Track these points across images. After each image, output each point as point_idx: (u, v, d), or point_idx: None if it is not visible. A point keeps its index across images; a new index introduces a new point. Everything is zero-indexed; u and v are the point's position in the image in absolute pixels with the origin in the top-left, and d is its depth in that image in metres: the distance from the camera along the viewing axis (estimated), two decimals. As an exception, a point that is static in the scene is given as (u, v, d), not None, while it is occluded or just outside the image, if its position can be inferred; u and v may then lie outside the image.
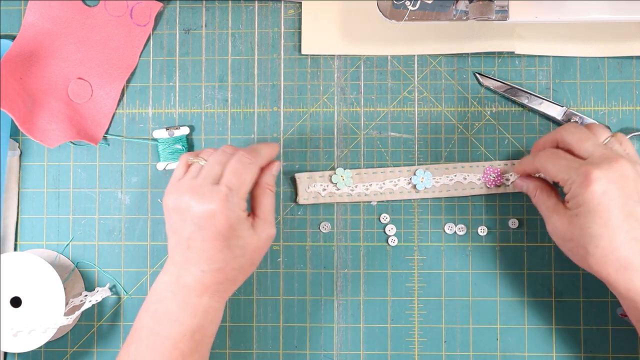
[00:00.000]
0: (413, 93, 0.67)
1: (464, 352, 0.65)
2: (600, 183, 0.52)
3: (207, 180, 0.56)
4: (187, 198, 0.55)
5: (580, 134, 0.57)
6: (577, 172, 0.54)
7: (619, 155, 0.54)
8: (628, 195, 0.53)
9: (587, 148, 0.55)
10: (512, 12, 0.59)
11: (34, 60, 0.66)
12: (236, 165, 0.57)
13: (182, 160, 0.60)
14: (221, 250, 0.55)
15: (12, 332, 0.62)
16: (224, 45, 0.67)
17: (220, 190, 0.55)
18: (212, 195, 0.55)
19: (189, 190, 0.56)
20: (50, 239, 0.67)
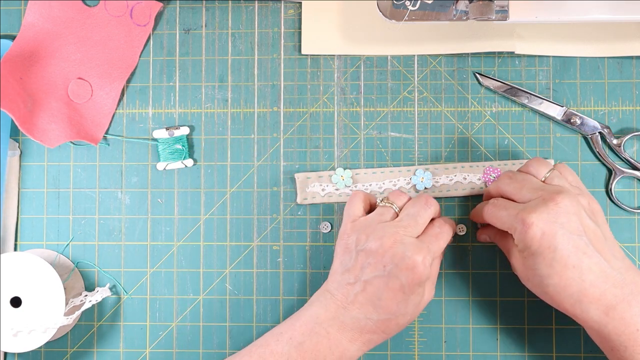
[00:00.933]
0: (413, 93, 0.67)
1: (464, 352, 0.65)
2: (537, 227, 0.53)
3: (408, 231, 0.56)
4: (388, 243, 0.55)
5: (515, 183, 0.57)
6: (515, 221, 0.54)
7: (557, 192, 0.54)
8: (570, 231, 0.53)
9: (524, 195, 0.56)
10: (512, 12, 0.59)
11: (34, 60, 0.66)
12: (438, 231, 0.58)
13: (361, 198, 0.60)
14: (398, 303, 0.55)
15: (12, 332, 0.62)
16: (224, 45, 0.67)
17: (424, 246, 0.56)
18: (417, 249, 0.55)
19: (391, 237, 0.55)
20: (50, 239, 0.67)
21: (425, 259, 0.55)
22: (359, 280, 0.56)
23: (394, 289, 0.55)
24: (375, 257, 0.55)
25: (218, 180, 0.67)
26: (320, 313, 0.56)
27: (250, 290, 0.66)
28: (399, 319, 0.56)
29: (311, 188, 0.66)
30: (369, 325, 0.56)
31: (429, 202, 0.59)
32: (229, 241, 0.66)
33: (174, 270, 0.67)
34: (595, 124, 0.65)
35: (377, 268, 0.55)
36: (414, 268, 0.55)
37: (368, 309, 0.55)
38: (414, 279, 0.55)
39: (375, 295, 0.55)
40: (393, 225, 0.57)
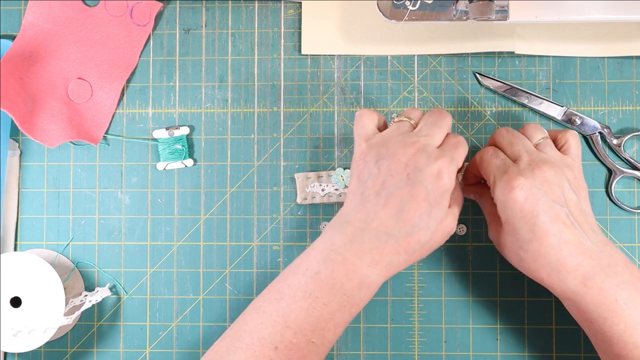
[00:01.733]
0: (413, 93, 0.67)
1: (464, 352, 0.65)
2: (522, 190, 0.53)
3: (429, 140, 0.55)
4: (411, 151, 0.53)
5: (511, 137, 0.57)
6: (501, 177, 0.54)
7: (545, 160, 0.55)
8: (552, 200, 0.53)
9: (516, 151, 0.56)
10: (512, 12, 0.59)
11: (34, 60, 0.66)
12: (455, 140, 0.56)
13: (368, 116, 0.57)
14: (421, 215, 0.53)
15: (12, 332, 0.62)
16: (224, 45, 0.67)
17: (447, 154, 0.54)
18: (439, 155, 0.53)
19: (413, 145, 0.54)
20: (50, 239, 0.67)
21: (450, 166, 0.54)
22: (381, 194, 0.53)
23: (419, 197, 0.52)
24: (398, 167, 0.53)
25: (218, 180, 0.67)
26: (335, 238, 0.54)
27: (250, 290, 0.66)
28: (421, 234, 0.53)
29: (311, 188, 0.66)
30: (390, 244, 0.53)
31: (444, 112, 0.57)
32: (229, 241, 0.66)
33: (174, 270, 0.67)
34: (595, 124, 0.65)
35: (400, 178, 0.53)
36: (439, 174, 0.53)
37: (389, 223, 0.52)
38: (439, 185, 0.53)
39: (398, 207, 0.52)
40: (413, 134, 0.55)
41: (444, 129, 0.56)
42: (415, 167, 0.53)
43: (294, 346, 0.52)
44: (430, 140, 0.55)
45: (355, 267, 0.53)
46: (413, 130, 0.57)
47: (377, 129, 0.58)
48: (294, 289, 0.53)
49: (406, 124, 0.57)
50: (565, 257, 0.53)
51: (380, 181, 0.54)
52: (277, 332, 0.52)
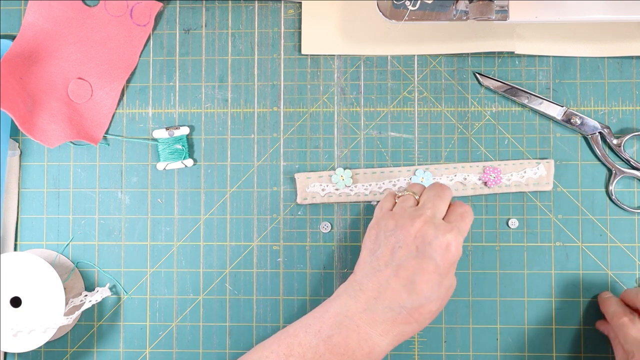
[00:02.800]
0: (413, 93, 0.67)
1: (464, 352, 0.65)
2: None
3: (435, 212, 0.56)
4: (418, 224, 0.55)
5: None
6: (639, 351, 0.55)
7: None
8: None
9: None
10: (512, 12, 0.59)
11: (34, 60, 0.66)
12: (460, 210, 0.57)
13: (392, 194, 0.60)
14: (432, 286, 0.54)
15: (12, 332, 0.62)
16: (224, 45, 0.67)
17: (454, 226, 0.55)
18: (448, 229, 0.55)
19: (420, 218, 0.55)
20: (50, 239, 0.67)
21: (457, 238, 0.55)
22: (390, 265, 0.54)
23: (429, 270, 0.53)
24: (406, 239, 0.54)
25: (218, 180, 0.67)
26: (350, 305, 0.55)
27: (250, 290, 0.66)
28: (432, 305, 0.54)
29: (311, 188, 0.66)
30: (402, 315, 0.54)
31: (444, 185, 0.59)
32: (229, 241, 0.66)
33: (174, 270, 0.67)
34: (595, 124, 0.65)
35: (409, 250, 0.54)
36: (448, 247, 0.54)
37: (401, 295, 0.53)
38: (449, 258, 0.54)
39: (409, 279, 0.53)
40: (419, 208, 0.56)
41: (446, 200, 0.58)
42: (424, 240, 0.54)
43: None
44: (436, 212, 0.56)
45: (368, 336, 0.54)
46: (417, 203, 0.58)
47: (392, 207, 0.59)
48: (305, 348, 0.54)
49: (410, 198, 0.58)
50: None
51: (389, 252, 0.55)
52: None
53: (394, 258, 0.54)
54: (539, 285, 0.65)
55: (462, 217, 0.57)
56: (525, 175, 0.65)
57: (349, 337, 0.54)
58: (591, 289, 0.65)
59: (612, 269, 0.65)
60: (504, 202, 0.66)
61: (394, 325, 0.54)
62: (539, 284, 0.65)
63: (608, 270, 0.65)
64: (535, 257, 0.65)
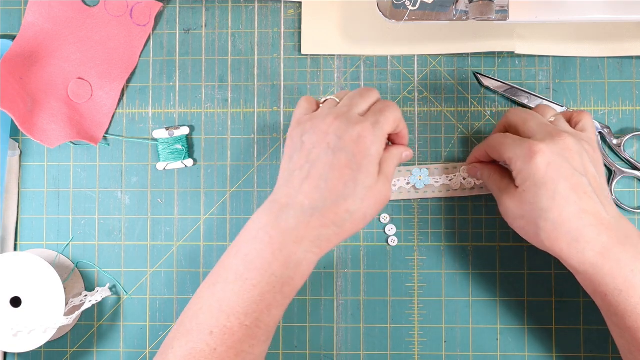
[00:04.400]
0: (413, 93, 0.67)
1: (464, 352, 0.65)
2: (543, 155, 0.52)
3: (351, 108, 0.54)
4: (329, 120, 0.53)
5: (525, 114, 0.57)
6: (521, 148, 0.54)
7: (563, 130, 0.55)
8: (573, 167, 0.53)
9: (531, 127, 0.56)
10: (512, 12, 0.59)
11: (34, 60, 0.66)
12: (381, 106, 0.55)
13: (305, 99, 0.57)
14: (346, 182, 0.52)
15: (12, 332, 0.62)
16: (224, 45, 0.67)
17: (367, 119, 0.54)
18: (358, 121, 0.53)
19: (332, 114, 0.53)
20: (50, 239, 0.67)
21: (374, 130, 0.53)
22: (304, 167, 0.52)
23: (340, 165, 0.51)
24: (319, 136, 0.52)
25: (218, 180, 0.67)
26: (261, 218, 0.53)
27: (250, 290, 0.66)
28: (349, 203, 0.52)
29: (311, 188, 0.66)
30: (316, 217, 0.51)
31: (370, 88, 0.57)
32: (229, 241, 0.66)
33: (174, 270, 0.67)
34: (595, 124, 0.65)
35: (321, 148, 0.52)
36: (360, 138, 0.52)
37: (313, 196, 0.51)
38: (361, 150, 0.52)
39: (321, 178, 0.52)
40: (339, 107, 0.55)
41: (369, 99, 0.56)
42: (335, 134, 0.52)
43: (227, 330, 0.51)
44: (353, 109, 0.54)
45: (281, 245, 0.51)
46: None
47: (311, 111, 0.57)
48: (227, 271, 0.53)
49: (332, 102, 0.57)
50: (585, 227, 0.52)
51: (305, 155, 0.53)
52: (212, 316, 0.52)
53: (309, 160, 0.52)
54: (539, 285, 0.65)
55: (381, 111, 0.55)
56: (525, 175, 0.65)
57: (262, 249, 0.52)
58: (591, 289, 0.65)
59: (612, 269, 0.65)
60: (504, 202, 0.66)
61: (308, 230, 0.52)
62: (539, 284, 0.65)
63: (608, 270, 0.65)
64: (535, 257, 0.65)
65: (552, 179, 0.52)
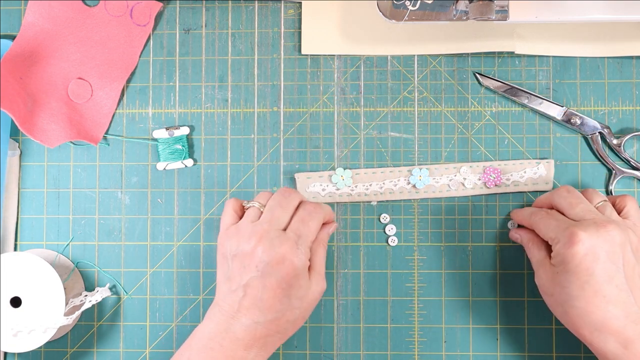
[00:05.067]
0: (413, 93, 0.67)
1: (464, 352, 0.65)
2: (583, 245, 0.53)
3: (272, 225, 0.56)
4: (252, 243, 0.55)
5: (572, 198, 0.58)
6: (563, 232, 0.55)
7: (609, 220, 0.55)
8: (611, 260, 0.53)
9: (578, 212, 0.57)
10: (512, 12, 0.59)
11: (34, 60, 0.66)
12: (303, 214, 0.58)
13: (232, 204, 0.60)
14: (281, 300, 0.55)
15: (12, 332, 0.62)
16: (224, 45, 0.67)
17: (289, 236, 0.56)
18: (280, 241, 0.55)
19: (255, 235, 0.56)
20: (50, 239, 0.67)
21: (294, 249, 0.55)
22: (240, 286, 0.55)
23: (272, 287, 0.55)
24: (247, 259, 0.55)
25: (218, 180, 0.67)
26: (212, 328, 0.56)
27: (250, 290, 0.66)
28: (287, 315, 0.56)
29: (311, 188, 0.66)
30: (260, 329, 0.55)
31: (288, 191, 0.59)
32: (229, 241, 0.66)
33: (174, 270, 0.67)
34: (595, 124, 0.65)
35: (250, 270, 0.55)
36: (284, 261, 0.55)
37: (254, 312, 0.55)
38: (287, 272, 0.55)
39: (257, 298, 0.55)
40: (258, 223, 0.57)
41: (289, 208, 0.58)
42: (261, 258, 0.55)
43: None
44: (274, 225, 0.56)
45: (233, 352, 0.55)
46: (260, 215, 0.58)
47: (237, 217, 0.60)
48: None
49: (255, 211, 0.59)
50: (610, 319, 0.53)
51: (237, 273, 0.56)
52: None
53: (242, 278, 0.55)
54: (539, 285, 0.65)
55: (304, 222, 0.57)
56: (525, 175, 0.65)
57: (215, 357, 0.55)
58: (591, 289, 0.65)
59: (612, 269, 0.65)
60: (504, 202, 0.66)
61: (255, 339, 0.55)
62: (539, 284, 0.65)
63: (608, 270, 0.65)
64: (535, 257, 0.65)
65: (586, 269, 0.53)
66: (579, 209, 0.57)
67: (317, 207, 0.59)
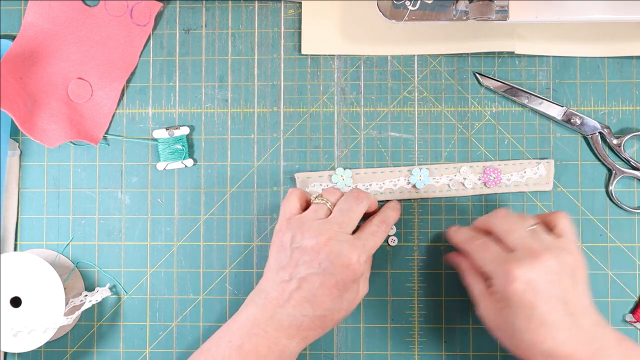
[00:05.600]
0: (413, 93, 0.67)
1: (464, 352, 0.65)
2: (521, 281, 0.53)
3: (343, 227, 0.57)
4: (322, 240, 0.56)
5: (507, 224, 0.57)
6: (499, 269, 0.54)
7: (543, 248, 0.55)
8: (552, 290, 0.53)
9: (514, 240, 0.56)
10: (512, 12, 0.59)
11: (34, 60, 0.66)
12: (374, 229, 0.59)
13: (297, 195, 0.60)
14: (334, 299, 0.56)
15: (12, 332, 0.62)
16: (224, 45, 0.67)
17: (358, 245, 0.57)
18: (351, 246, 0.56)
19: (325, 234, 0.56)
20: (50, 239, 0.67)
21: (360, 257, 0.56)
22: (294, 278, 0.56)
23: (329, 286, 0.56)
24: (311, 255, 0.56)
25: (218, 180, 0.67)
26: (257, 313, 0.57)
27: (250, 290, 0.66)
28: (335, 315, 0.57)
29: (311, 188, 0.66)
30: (306, 322, 0.56)
31: (361, 196, 0.60)
32: (229, 241, 0.66)
33: (174, 270, 0.67)
34: (595, 124, 0.65)
35: (312, 265, 0.56)
36: (349, 265, 0.56)
37: (304, 306, 0.56)
38: (348, 276, 0.56)
39: (311, 293, 0.56)
40: (327, 222, 0.57)
41: (359, 213, 0.59)
42: (327, 257, 0.55)
43: None
44: (344, 228, 0.57)
45: (277, 340, 0.56)
46: (329, 214, 0.59)
47: (301, 208, 0.60)
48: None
49: (323, 208, 0.59)
50: (559, 346, 0.53)
51: (294, 264, 0.56)
52: None
53: (299, 271, 0.56)
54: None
55: (373, 235, 0.59)
56: (525, 175, 0.65)
57: (258, 343, 0.55)
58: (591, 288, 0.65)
59: (612, 269, 0.65)
60: (504, 202, 0.66)
61: (300, 330, 0.56)
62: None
63: (608, 270, 0.65)
64: (535, 257, 0.65)
65: (528, 303, 0.53)
66: (513, 237, 0.56)
67: (386, 225, 0.60)
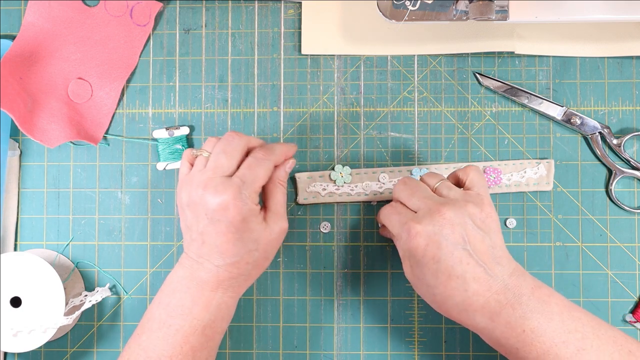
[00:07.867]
0: (413, 93, 0.67)
1: (464, 352, 0.65)
2: (421, 236, 0.53)
3: (217, 172, 0.57)
4: (199, 192, 0.56)
5: (408, 190, 0.58)
6: (402, 229, 0.55)
7: (443, 203, 0.55)
8: (453, 242, 0.53)
9: (414, 203, 0.56)
10: (512, 12, 0.59)
11: (34, 60, 0.66)
12: (251, 161, 0.57)
13: (186, 155, 0.60)
14: (234, 243, 0.56)
15: (12, 332, 0.62)
16: (224, 45, 0.67)
17: (233, 182, 0.56)
18: (224, 187, 0.55)
19: (201, 184, 0.56)
20: (50, 239, 0.67)
21: (239, 194, 0.55)
22: (199, 234, 0.57)
23: (223, 232, 0.55)
24: (198, 207, 0.56)
25: (218, 180, 0.67)
26: (179, 273, 0.57)
27: (250, 291, 0.66)
28: (246, 258, 0.57)
29: (312, 188, 0.66)
30: (221, 272, 0.56)
31: (232, 135, 0.59)
32: (229, 241, 0.66)
33: (174, 270, 0.66)
34: (595, 124, 0.65)
35: (202, 218, 0.56)
36: (227, 208, 0.55)
37: (214, 257, 0.56)
38: (234, 216, 0.55)
39: (214, 243, 0.56)
40: (205, 170, 0.57)
41: (234, 154, 0.57)
42: (209, 205, 0.55)
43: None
44: (221, 171, 0.57)
45: (200, 293, 0.56)
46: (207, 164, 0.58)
47: (191, 166, 0.60)
48: (151, 321, 0.57)
49: (202, 160, 0.59)
50: (471, 297, 0.53)
51: (194, 222, 0.57)
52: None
53: (198, 227, 0.56)
54: (539, 285, 0.65)
55: (251, 167, 0.57)
56: (526, 175, 0.65)
57: (182, 298, 0.56)
58: (591, 289, 0.65)
59: (612, 269, 0.65)
60: (504, 202, 0.66)
61: (219, 282, 0.57)
62: (539, 284, 0.65)
63: (608, 270, 0.65)
64: (535, 257, 0.65)
65: (432, 258, 0.53)
66: (415, 199, 0.56)
67: (266, 153, 0.58)
